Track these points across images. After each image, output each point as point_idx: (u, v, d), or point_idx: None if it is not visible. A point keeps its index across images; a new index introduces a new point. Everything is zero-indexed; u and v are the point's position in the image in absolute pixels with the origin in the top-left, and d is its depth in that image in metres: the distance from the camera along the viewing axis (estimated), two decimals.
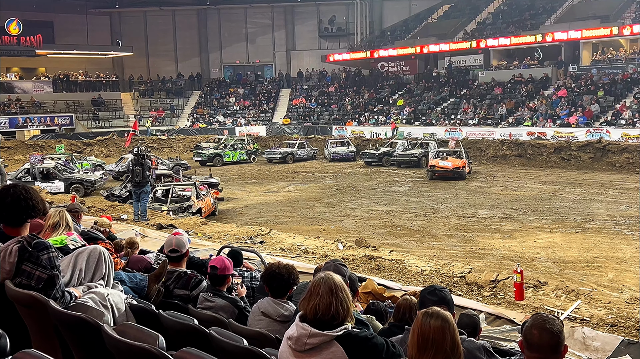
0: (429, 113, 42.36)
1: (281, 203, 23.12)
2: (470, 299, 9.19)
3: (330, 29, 56.48)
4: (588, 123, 33.46)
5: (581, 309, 8.77)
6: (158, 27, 56.13)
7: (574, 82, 38.55)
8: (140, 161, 17.29)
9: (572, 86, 38.07)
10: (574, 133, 32.69)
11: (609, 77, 37.22)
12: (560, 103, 36.59)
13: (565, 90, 37.77)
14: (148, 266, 6.27)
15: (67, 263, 4.28)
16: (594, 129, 32.32)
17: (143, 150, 18.15)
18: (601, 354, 7.07)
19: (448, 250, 15.08)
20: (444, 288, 4.36)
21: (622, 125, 32.13)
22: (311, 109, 49.78)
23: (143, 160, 17.28)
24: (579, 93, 36.99)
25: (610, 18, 39.00)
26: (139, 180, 17.19)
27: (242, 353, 3.43)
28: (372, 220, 19.39)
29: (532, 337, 3.18)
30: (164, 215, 17.89)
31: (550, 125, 34.74)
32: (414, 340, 2.89)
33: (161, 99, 53.19)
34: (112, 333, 3.25)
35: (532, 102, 38.30)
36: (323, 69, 54.85)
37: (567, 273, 12.69)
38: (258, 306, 4.62)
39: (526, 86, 40.24)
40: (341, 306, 3.29)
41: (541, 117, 35.95)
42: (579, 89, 37.42)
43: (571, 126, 33.73)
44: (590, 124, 33.25)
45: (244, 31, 57.33)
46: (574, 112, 34.85)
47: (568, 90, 37.70)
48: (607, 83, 36.76)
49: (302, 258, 11.83)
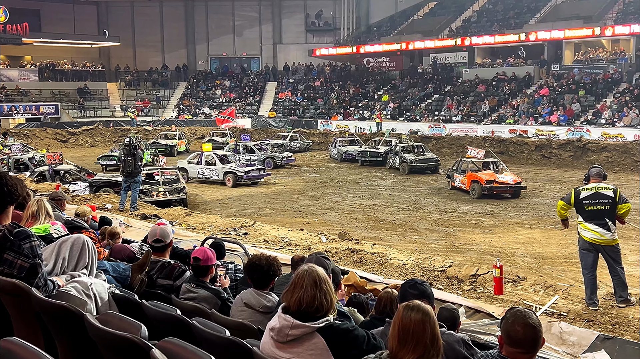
0: (413, 109, 42.45)
1: (265, 195, 23.10)
2: (450, 293, 9.24)
3: (317, 24, 56.39)
4: (569, 122, 33.72)
5: (559, 305, 8.85)
6: (145, 17, 55.70)
7: (555, 81, 38.79)
8: (132, 151, 17.25)
9: (554, 85, 38.31)
10: (555, 131, 32.95)
11: (590, 77, 37.49)
12: (542, 102, 36.82)
13: (547, 89, 38.01)
14: (131, 256, 6.24)
15: (50, 252, 4.25)
16: (575, 128, 32.57)
17: (134, 141, 18.07)
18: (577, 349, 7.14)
19: (429, 244, 15.15)
20: (425, 282, 4.38)
21: (602, 125, 32.41)
22: (297, 103, 49.69)
23: (135, 151, 17.22)
24: (561, 92, 37.24)
25: (593, 19, 39.25)
26: (131, 170, 17.23)
27: (224, 343, 3.42)
28: (356, 214, 19.42)
29: (516, 333, 3.20)
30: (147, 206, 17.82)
31: (531, 123, 34.97)
32: (395, 333, 2.90)
33: (147, 90, 52.83)
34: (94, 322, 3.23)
35: (514, 100, 38.50)
36: (309, 63, 54.75)
37: (546, 268, 12.80)
38: (241, 297, 4.61)
39: (509, 84, 40.44)
40: (325, 299, 3.29)
41: (523, 115, 36.18)
42: (561, 88, 37.66)
43: (552, 124, 33.98)
44: (571, 123, 33.51)
45: (231, 24, 57.09)
46: (555, 111, 35.10)
47: (550, 89, 37.94)
48: (588, 82, 37.03)
49: (285, 250, 11.83)
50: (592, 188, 9.02)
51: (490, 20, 45.71)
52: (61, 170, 21.59)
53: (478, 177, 22.06)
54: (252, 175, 25.33)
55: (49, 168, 21.34)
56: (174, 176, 21.24)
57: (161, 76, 54.74)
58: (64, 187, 18.67)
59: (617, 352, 6.97)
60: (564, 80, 38.35)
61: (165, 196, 19.51)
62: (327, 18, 56.10)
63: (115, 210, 16.19)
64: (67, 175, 21.36)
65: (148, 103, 50.48)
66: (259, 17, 57.07)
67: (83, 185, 20.33)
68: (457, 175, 23.31)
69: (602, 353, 6.98)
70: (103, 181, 20.65)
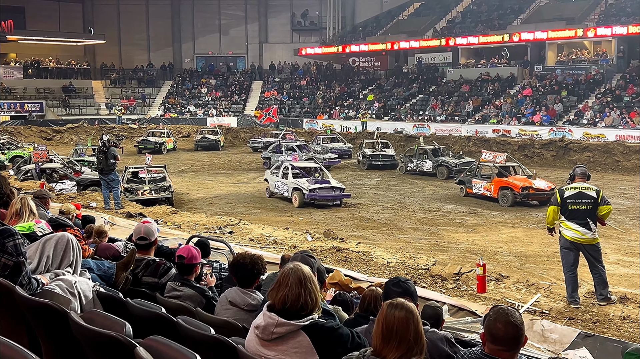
0: (398, 108, 42.55)
1: (251, 194, 23.05)
2: (434, 291, 9.28)
3: (303, 23, 56.33)
4: (551, 122, 33.96)
5: (541, 303, 8.91)
6: (131, 16, 55.27)
7: (538, 81, 39.04)
8: (104, 149, 17.18)
9: (537, 85, 38.55)
10: (538, 131, 33.17)
11: (573, 78, 37.77)
12: (525, 102, 37.04)
13: (530, 90, 38.24)
14: (116, 254, 6.21)
15: (34, 250, 4.22)
16: (557, 128, 32.81)
17: (106, 139, 17.91)
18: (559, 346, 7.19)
19: (413, 243, 15.19)
20: (408, 280, 4.39)
21: (584, 125, 32.67)
22: (283, 102, 49.63)
23: (106, 149, 17.11)
24: (544, 92, 37.48)
25: (576, 20, 39.54)
26: (102, 168, 17.25)
27: (209, 341, 3.42)
28: (341, 213, 19.43)
29: (497, 331, 3.21)
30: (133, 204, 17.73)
31: (515, 123, 35.17)
32: (379, 330, 2.91)
33: (132, 88, 52.46)
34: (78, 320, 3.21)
35: (498, 100, 38.70)
36: (295, 62, 54.69)
37: (528, 267, 12.88)
38: (226, 295, 4.60)
39: (493, 84, 40.64)
40: (309, 297, 3.29)
41: (506, 115, 36.38)
42: (544, 89, 37.91)
43: (535, 124, 34.20)
44: (554, 123, 33.74)
45: (217, 22, 56.88)
46: (538, 111, 35.32)
47: (533, 90, 38.17)
48: (571, 83, 37.30)
49: (270, 248, 11.82)
50: (576, 187, 9.09)
51: (474, 21, 45.90)
52: (48, 169, 21.30)
53: (510, 183, 20.32)
54: (319, 194, 19.89)
55: (35, 167, 21.10)
56: (161, 174, 21.05)
57: (147, 74, 54.39)
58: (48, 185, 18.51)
59: (597, 349, 7.03)
60: (546, 81, 38.61)
61: (151, 194, 19.37)
62: (313, 17, 56.06)
63: (101, 209, 16.10)
64: (54, 173, 21.09)
65: (133, 102, 50.13)
66: (245, 16, 56.90)
67: (70, 184, 20.13)
68: (476, 181, 21.67)
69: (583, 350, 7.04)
70: (90, 180, 20.49)
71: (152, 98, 51.65)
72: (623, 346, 6.65)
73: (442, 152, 28.01)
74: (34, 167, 21.12)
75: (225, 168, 30.94)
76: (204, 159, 34.12)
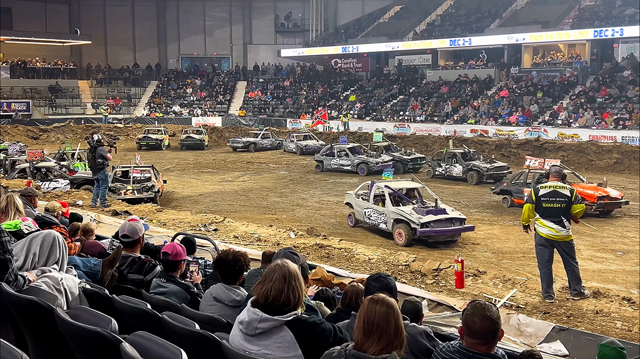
0: (379, 109, 42.63)
1: (235, 192, 22.98)
2: (413, 286, 9.31)
3: (287, 25, 56.24)
4: (527, 122, 34.22)
5: (517, 297, 8.98)
6: (117, 17, 54.86)
7: (515, 83, 39.30)
8: (92, 148, 17.06)
9: (513, 87, 38.81)
10: (514, 131, 33.41)
11: (548, 80, 38.08)
12: (502, 103, 37.28)
13: (507, 91, 38.50)
14: (102, 252, 6.16)
15: (21, 247, 4.18)
16: (533, 128, 33.08)
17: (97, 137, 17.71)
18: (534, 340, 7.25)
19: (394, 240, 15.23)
20: (389, 276, 4.40)
21: (558, 125, 32.98)
22: (266, 102, 49.53)
23: (96, 148, 16.94)
24: (520, 94, 37.74)
25: (551, 24, 39.87)
26: (91, 166, 17.27)
27: (194, 336, 3.41)
28: (323, 210, 19.44)
29: (474, 325, 3.23)
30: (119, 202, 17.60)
31: (492, 123, 35.39)
32: (360, 325, 2.91)
33: (118, 88, 52.12)
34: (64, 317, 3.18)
35: (475, 101, 38.91)
36: (279, 64, 54.59)
37: (505, 263, 12.98)
38: (210, 291, 4.58)
39: (471, 86, 40.86)
40: (292, 294, 3.29)
41: (484, 116, 36.59)
42: (520, 90, 38.17)
43: (511, 125, 34.44)
44: (530, 123, 34.01)
45: (202, 24, 56.64)
46: (514, 112, 35.57)
47: (509, 91, 38.43)
48: (546, 85, 37.60)
49: (255, 245, 11.79)
50: (551, 186, 9.17)
51: (453, 24, 46.10)
52: (42, 168, 21.10)
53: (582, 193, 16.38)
54: (434, 230, 14.58)
55: (30, 166, 20.90)
56: (147, 174, 20.80)
57: (132, 74, 54.02)
58: (35, 184, 18.31)
59: (571, 342, 7.10)
60: (522, 83, 38.89)
61: (134, 194, 19.12)
62: (296, 20, 55.98)
63: (87, 206, 15.95)
64: (48, 172, 20.90)
65: (119, 101, 49.81)
66: (229, 17, 56.68)
67: (64, 182, 19.98)
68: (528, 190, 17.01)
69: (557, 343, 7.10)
70: (84, 179, 20.28)
71: (137, 98, 51.36)
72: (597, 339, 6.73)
73: (472, 155, 26.18)
74: (29, 165, 20.89)
75: (210, 167, 30.83)
76: (189, 158, 33.97)
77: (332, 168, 28.44)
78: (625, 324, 7.88)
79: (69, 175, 20.92)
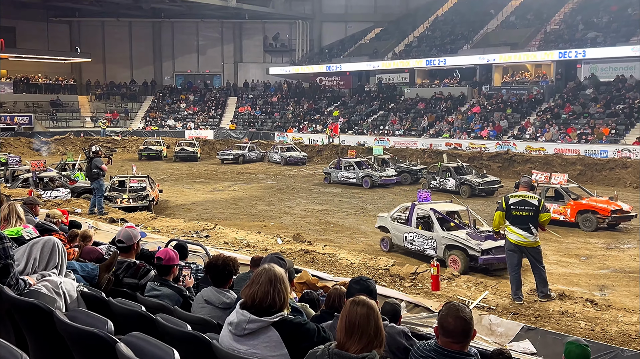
0: (361, 123, 42.75)
1: (226, 201, 22.89)
2: (392, 289, 9.32)
3: (275, 45, 56.32)
4: (498, 136, 34.48)
5: (488, 299, 9.01)
6: (115, 36, 54.71)
7: (486, 100, 39.61)
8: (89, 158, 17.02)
9: (484, 104, 39.10)
10: (486, 145, 33.67)
11: (516, 97, 38.41)
12: (474, 119, 37.53)
13: (479, 107, 38.78)
14: (100, 257, 6.11)
15: (22, 253, 4.13)
16: (503, 142, 33.35)
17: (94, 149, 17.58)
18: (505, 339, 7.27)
19: (374, 246, 15.24)
20: (370, 279, 4.40)
21: (526, 139, 33.27)
22: (256, 116, 49.48)
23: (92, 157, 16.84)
24: (491, 110, 38.03)
25: (519, 46, 40.31)
26: (88, 175, 17.42)
27: (186, 337, 3.39)
28: (309, 218, 19.42)
29: (448, 324, 3.24)
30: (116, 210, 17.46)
31: (465, 137, 35.63)
32: (342, 325, 2.91)
33: (116, 103, 51.86)
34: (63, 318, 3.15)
35: (450, 117, 39.14)
36: (267, 81, 54.61)
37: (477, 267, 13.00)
38: (202, 294, 4.56)
39: (445, 102, 41.11)
40: (277, 297, 3.28)
41: (457, 130, 36.82)
42: (491, 107, 38.46)
43: (483, 139, 34.68)
44: (500, 137, 34.28)
45: (195, 43, 56.58)
46: (485, 127, 35.83)
47: (481, 107, 38.71)
48: (515, 102, 37.92)
49: (244, 251, 11.74)
50: (520, 195, 9.24)
51: (429, 45, 46.43)
52: (45, 177, 20.97)
53: (594, 206, 17.10)
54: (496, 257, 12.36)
55: (33, 175, 20.76)
56: (142, 184, 20.63)
57: (129, 90, 53.78)
58: (36, 192, 18.17)
59: (539, 341, 7.13)
60: (493, 100, 39.19)
61: (129, 203, 18.96)
62: (283, 40, 56.11)
63: (85, 214, 15.81)
64: (50, 182, 20.78)
65: (117, 115, 49.55)
66: (221, 37, 56.67)
67: (65, 191, 19.88)
68: None
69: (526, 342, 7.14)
70: (84, 188, 20.11)
71: (134, 112, 51.12)
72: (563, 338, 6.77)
73: (465, 169, 25.48)
74: (32, 175, 20.77)
75: (202, 177, 30.70)
76: (182, 169, 33.82)
77: (338, 180, 27.70)
78: (588, 324, 7.93)
79: (70, 184, 20.79)
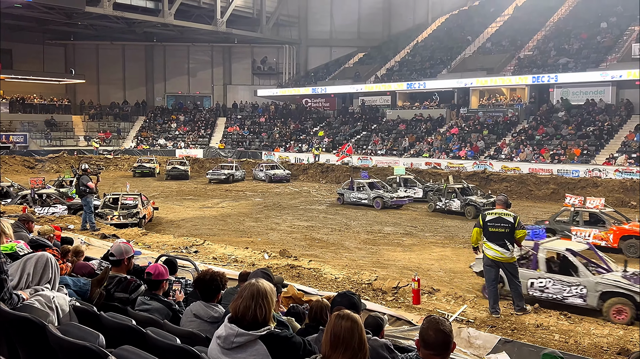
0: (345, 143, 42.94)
1: (215, 217, 22.78)
2: (375, 303, 9.29)
3: (262, 68, 56.54)
4: (475, 156, 34.76)
5: (467, 313, 9.02)
6: (109, 58, 54.59)
7: (464, 121, 39.96)
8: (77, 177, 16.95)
9: (462, 125, 39.44)
10: (464, 164, 33.92)
11: (493, 119, 38.80)
12: (452, 139, 37.82)
13: (457, 129, 39.09)
14: (92, 272, 6.04)
15: (16, 268, 4.07)
16: (480, 162, 33.63)
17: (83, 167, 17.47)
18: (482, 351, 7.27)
19: (358, 261, 15.22)
20: (354, 294, 4.39)
21: (502, 159, 33.57)
22: (244, 136, 49.49)
23: (80, 175, 16.75)
24: (468, 131, 38.35)
25: (495, 70, 40.83)
26: (77, 192, 17.16)
27: (175, 350, 3.35)
28: (295, 234, 19.37)
29: (428, 337, 3.22)
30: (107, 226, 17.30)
31: (444, 157, 35.87)
32: (327, 339, 2.90)
33: (109, 122, 51.64)
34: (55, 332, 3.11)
35: (430, 137, 39.42)
36: (255, 102, 54.73)
37: (456, 281, 13.04)
38: (190, 308, 4.52)
39: (425, 124, 41.42)
40: (259, 311, 3.25)
41: (437, 150, 37.07)
42: (468, 128, 38.80)
43: (461, 158, 34.94)
44: (477, 157, 34.55)
45: (186, 66, 56.63)
46: (463, 147, 36.11)
47: (459, 129, 39.03)
48: (491, 124, 38.30)
49: (232, 266, 11.67)
50: (496, 212, 9.29)
51: (409, 69, 46.85)
52: (43, 194, 20.80)
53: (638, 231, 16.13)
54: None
55: (31, 192, 20.60)
56: (135, 201, 20.44)
57: (122, 110, 53.58)
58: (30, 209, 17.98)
59: (515, 353, 7.13)
60: (470, 122, 39.54)
61: (119, 220, 18.80)
62: (271, 63, 56.36)
63: (77, 230, 15.65)
64: (48, 199, 20.60)
65: (109, 135, 49.33)
66: (211, 60, 56.78)
67: (62, 208, 19.81)
68: (579, 229, 17.01)
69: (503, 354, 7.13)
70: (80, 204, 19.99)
71: (126, 131, 50.91)
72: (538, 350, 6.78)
73: (470, 190, 24.89)
74: (30, 192, 20.60)
75: (192, 194, 30.55)
76: (172, 186, 33.64)
77: (351, 201, 26.62)
78: (562, 337, 7.96)
79: (67, 201, 20.64)
